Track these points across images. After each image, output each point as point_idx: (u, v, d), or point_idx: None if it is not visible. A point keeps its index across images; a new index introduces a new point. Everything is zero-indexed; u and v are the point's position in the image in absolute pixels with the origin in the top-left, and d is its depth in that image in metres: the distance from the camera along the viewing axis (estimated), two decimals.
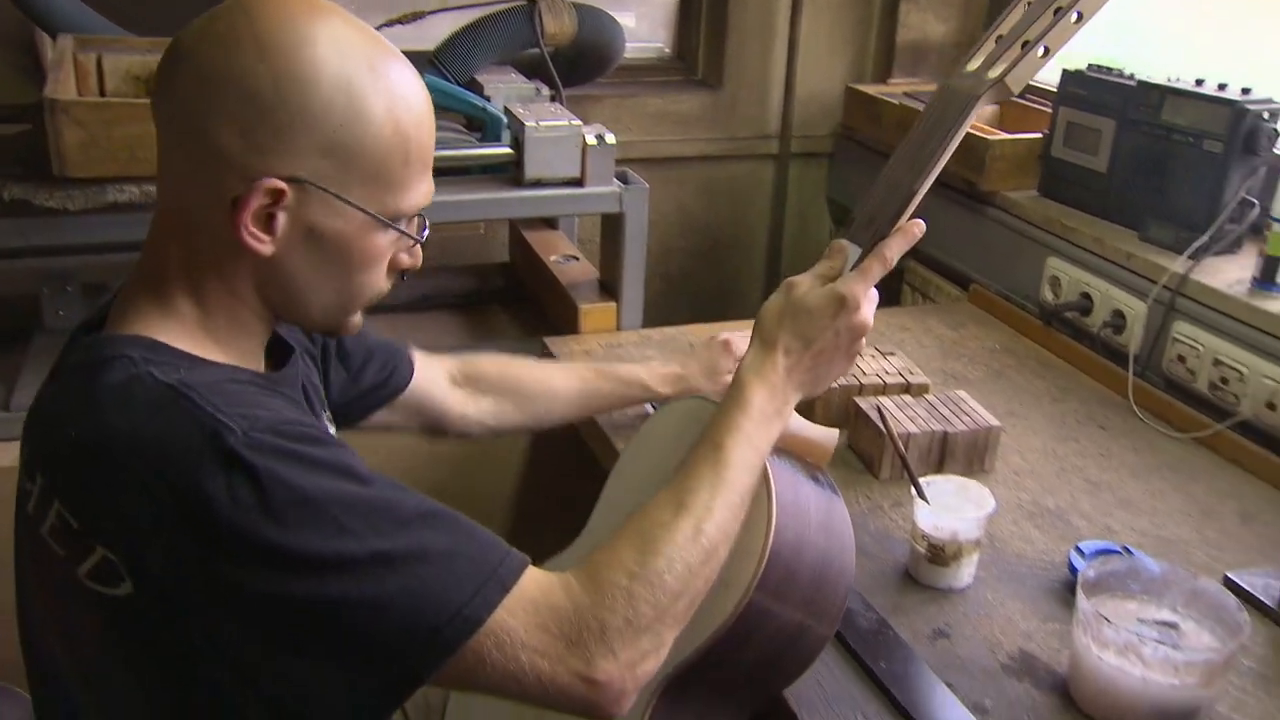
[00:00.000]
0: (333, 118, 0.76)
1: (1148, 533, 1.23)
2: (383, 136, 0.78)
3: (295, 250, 0.79)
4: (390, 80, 0.78)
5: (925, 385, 1.44)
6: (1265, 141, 1.49)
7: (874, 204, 0.94)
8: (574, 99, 1.98)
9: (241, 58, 0.74)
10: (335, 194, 0.77)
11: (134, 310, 0.79)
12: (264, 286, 0.81)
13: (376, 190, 0.79)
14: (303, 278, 0.81)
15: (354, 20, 0.79)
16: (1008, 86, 0.91)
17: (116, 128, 1.32)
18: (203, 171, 0.76)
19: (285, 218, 0.77)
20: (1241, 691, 0.99)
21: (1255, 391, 1.38)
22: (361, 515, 0.71)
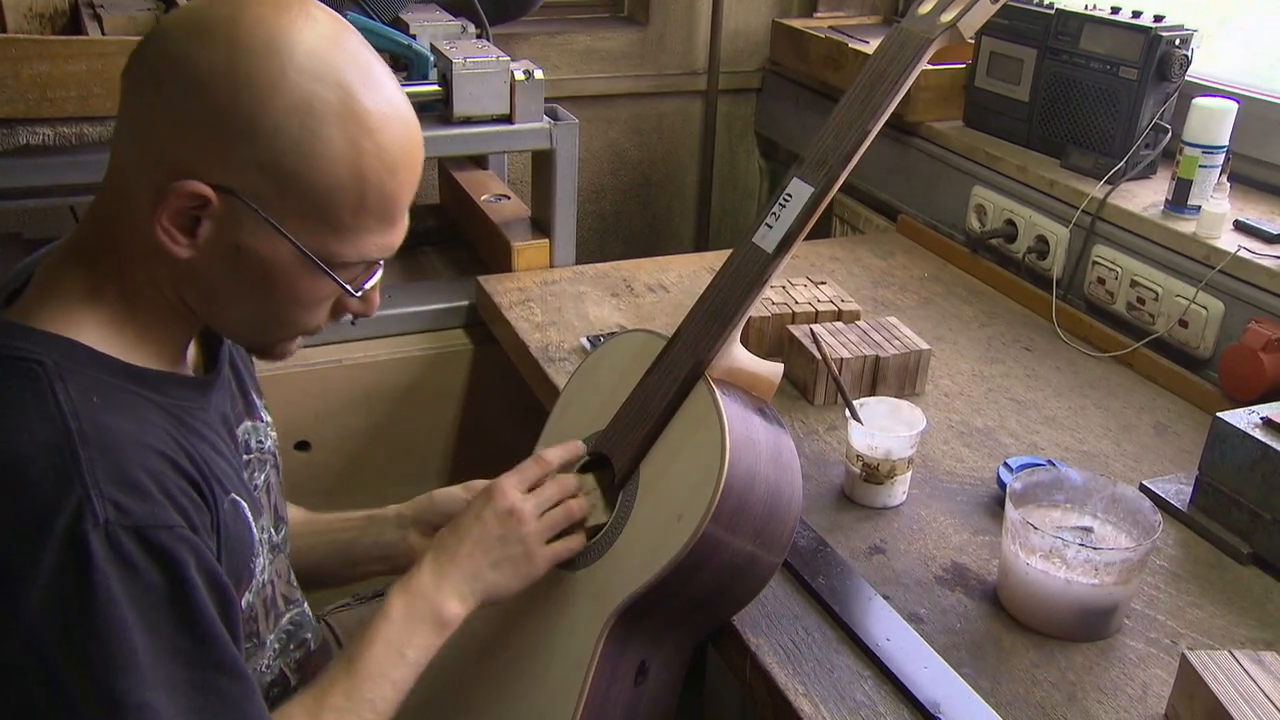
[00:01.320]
0: (282, 138, 0.69)
1: (1071, 447, 1.28)
2: (334, 173, 0.71)
3: (216, 261, 0.74)
4: (364, 116, 0.71)
5: (856, 312, 1.47)
6: (1177, 68, 1.53)
7: (826, 144, 0.95)
8: (500, 37, 1.96)
9: (208, 48, 0.69)
10: (266, 217, 0.71)
11: (61, 286, 0.75)
12: (181, 287, 0.76)
13: (317, 228, 0.73)
14: (221, 290, 0.76)
15: (350, 42, 0.73)
16: (959, 31, 0.93)
17: (24, 66, 1.27)
18: (140, 156, 0.72)
19: (211, 226, 0.72)
20: (1155, 589, 1.05)
21: (1169, 310, 1.44)
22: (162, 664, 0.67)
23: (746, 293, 0.95)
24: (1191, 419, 1.35)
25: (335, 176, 0.71)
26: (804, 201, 0.94)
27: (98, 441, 0.68)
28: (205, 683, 0.70)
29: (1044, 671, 0.94)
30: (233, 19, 0.70)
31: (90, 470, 0.66)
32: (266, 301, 0.76)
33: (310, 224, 0.73)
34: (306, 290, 0.76)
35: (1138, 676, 0.94)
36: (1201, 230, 1.42)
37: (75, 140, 1.35)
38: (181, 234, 0.72)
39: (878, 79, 0.94)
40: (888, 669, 0.93)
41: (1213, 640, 0.98)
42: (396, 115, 0.74)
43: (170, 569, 0.68)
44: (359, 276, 0.78)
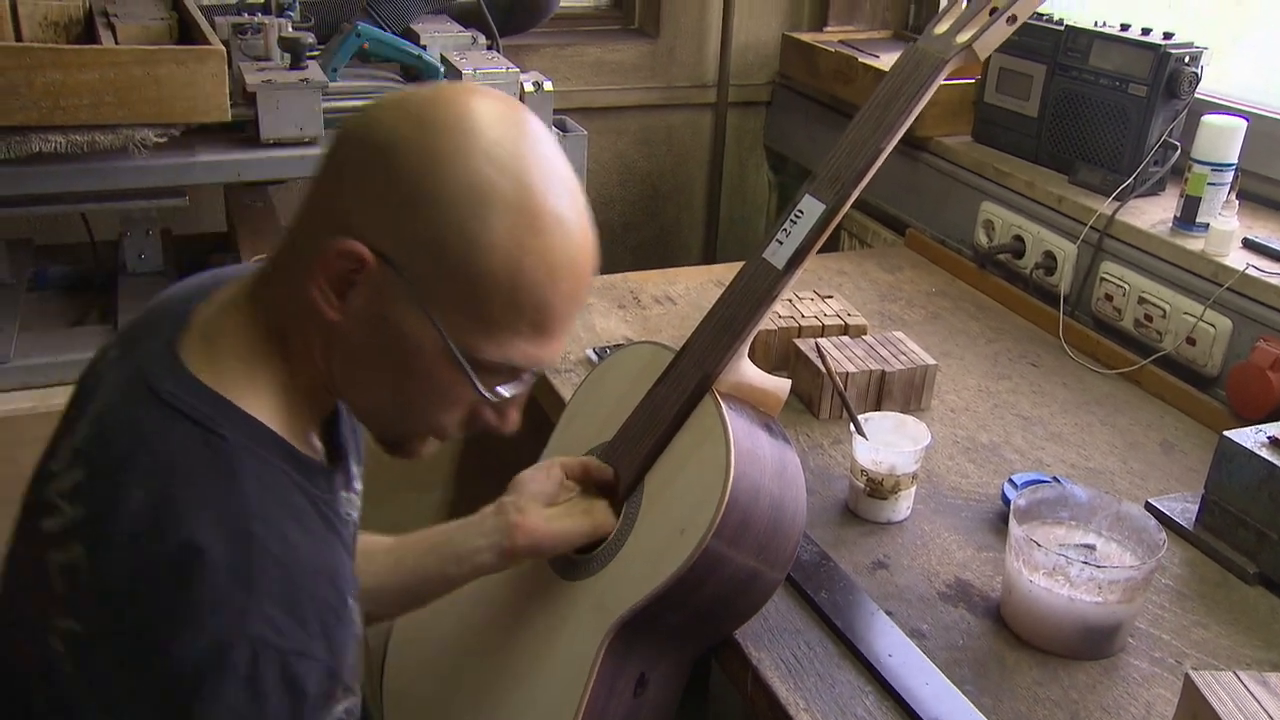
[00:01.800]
0: (450, 217, 0.68)
1: (1077, 464, 1.28)
2: (493, 265, 0.69)
3: (361, 330, 0.72)
4: (536, 217, 0.70)
5: (863, 326, 1.46)
6: (1186, 85, 1.53)
7: (839, 161, 0.95)
8: (511, 48, 1.97)
9: (403, 120, 0.70)
10: (417, 294, 0.70)
11: (230, 341, 0.74)
12: (326, 352, 0.74)
13: (465, 319, 0.71)
14: (360, 362, 0.74)
15: (542, 145, 0.72)
16: (974, 52, 0.93)
17: (37, 74, 1.28)
18: (315, 213, 0.73)
19: (362, 292, 0.70)
20: (1160, 608, 1.04)
21: (1176, 327, 1.44)
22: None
23: (755, 308, 0.95)
24: (1199, 437, 1.34)
25: (493, 268, 0.69)
26: (815, 218, 0.94)
27: (274, 553, 0.67)
28: None
29: (1047, 690, 0.94)
30: (431, 98, 0.71)
31: (261, 580, 0.66)
32: (402, 386, 0.74)
33: (460, 313, 0.70)
34: (443, 383, 0.73)
35: (1141, 696, 0.94)
36: (1210, 248, 1.41)
37: (87, 148, 1.36)
38: (335, 295, 0.70)
39: (892, 98, 0.94)
40: (889, 685, 0.92)
41: (1218, 660, 0.98)
42: (571, 224, 0.72)
43: (297, 702, 0.67)
44: (498, 381, 0.75)
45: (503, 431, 0.79)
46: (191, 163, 1.46)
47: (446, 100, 0.71)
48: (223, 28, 1.60)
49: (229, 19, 1.63)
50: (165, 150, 1.43)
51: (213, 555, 0.65)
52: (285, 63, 1.57)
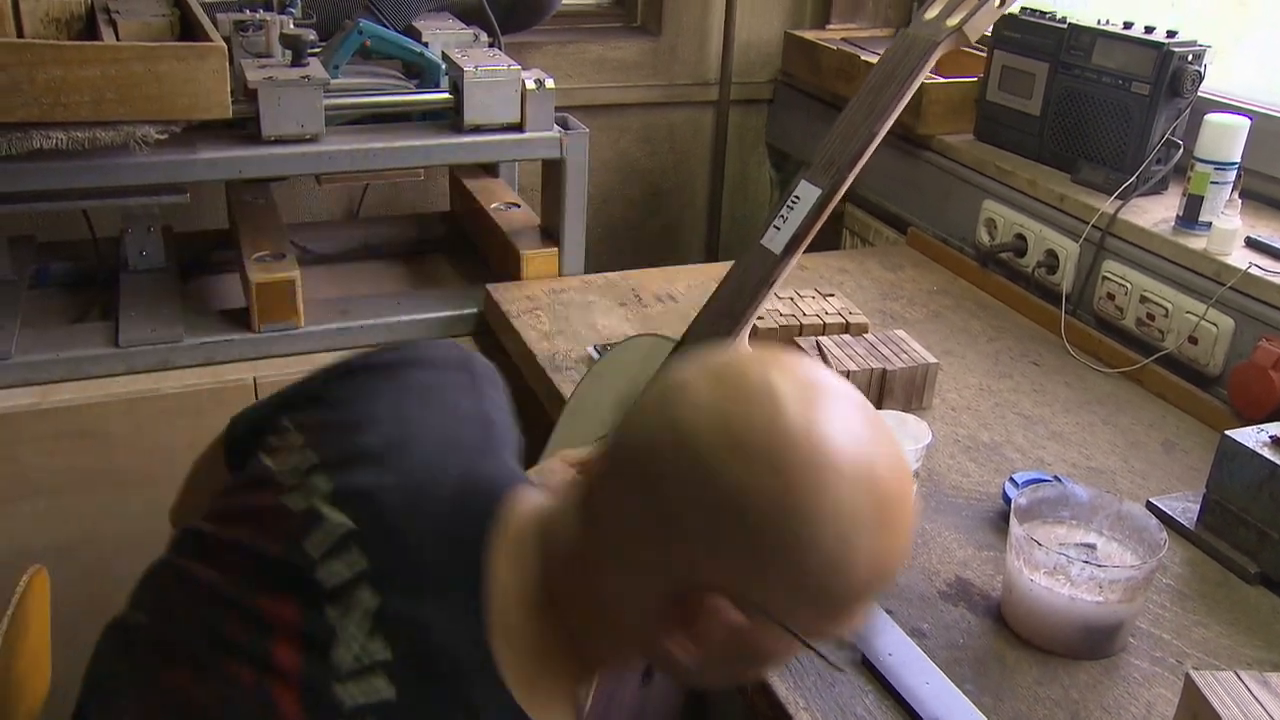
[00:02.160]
0: (816, 554, 0.63)
1: (1078, 463, 1.27)
2: (857, 577, 0.65)
3: (713, 658, 0.67)
4: (893, 523, 0.65)
5: (864, 325, 1.46)
6: (1189, 83, 1.53)
7: (833, 147, 0.95)
8: (513, 46, 1.96)
9: (747, 466, 0.62)
10: (783, 623, 0.65)
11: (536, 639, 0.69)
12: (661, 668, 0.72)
13: (818, 619, 0.67)
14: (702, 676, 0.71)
15: (878, 424, 0.67)
16: (965, 35, 0.93)
17: (39, 70, 1.28)
18: (649, 559, 0.65)
19: (719, 631, 0.65)
20: (1160, 608, 1.04)
21: (1179, 327, 1.43)
22: None
23: (754, 295, 0.95)
24: (1200, 436, 1.34)
25: (857, 580, 0.65)
26: (811, 203, 0.94)
27: None
28: None
29: (1047, 689, 0.94)
30: (770, 427, 0.63)
31: None
32: (734, 671, 0.74)
33: (817, 618, 0.67)
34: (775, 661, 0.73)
35: (1142, 696, 0.93)
36: (1212, 247, 1.41)
37: (88, 145, 1.36)
38: (692, 642, 0.66)
39: (884, 82, 0.94)
40: (889, 684, 0.92)
41: (1218, 660, 0.97)
42: (911, 510, 0.69)
43: None
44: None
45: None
46: (193, 160, 1.46)
47: (789, 428, 0.63)
48: (224, 24, 1.60)
49: (230, 16, 1.63)
50: (166, 147, 1.43)
51: None
52: (287, 60, 1.57)
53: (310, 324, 1.59)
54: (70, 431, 1.44)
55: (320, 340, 1.60)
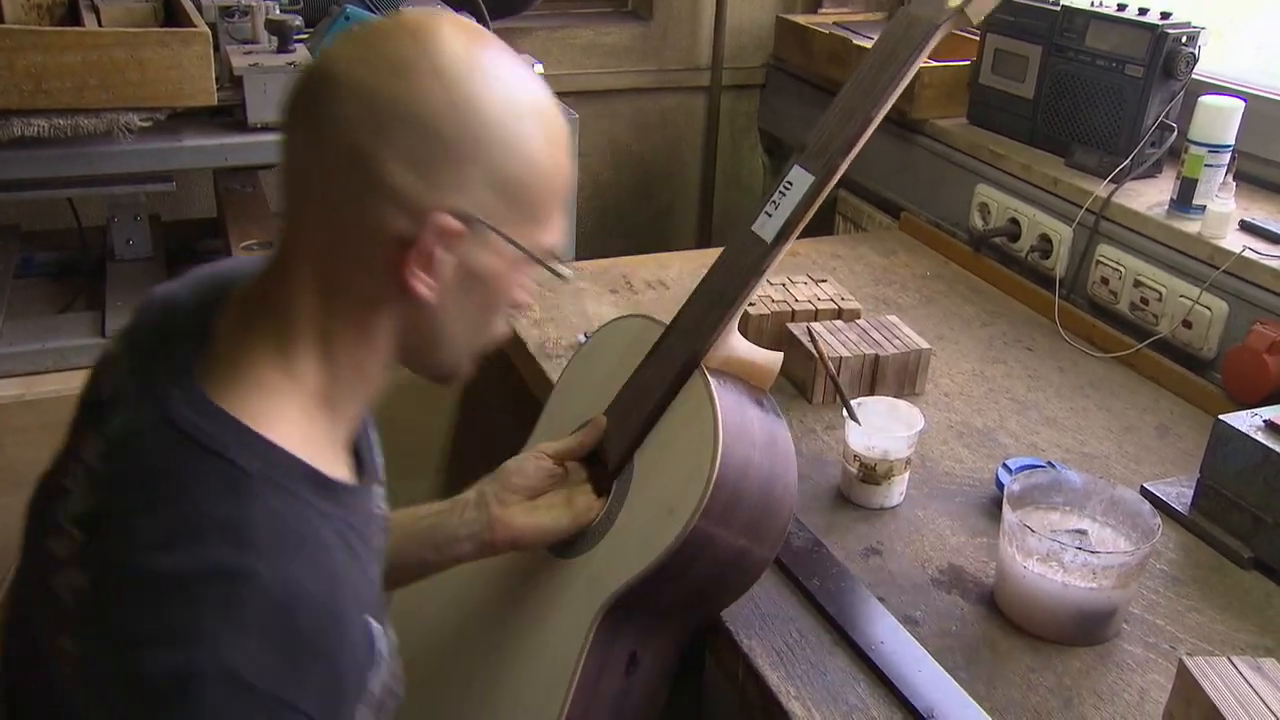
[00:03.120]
0: (503, 148, 0.70)
1: (1072, 449, 1.27)
2: (543, 169, 0.73)
3: (450, 292, 0.73)
4: (543, 108, 0.73)
5: (857, 310, 1.45)
6: (1183, 65, 1.52)
7: (828, 131, 0.93)
8: (502, 31, 1.93)
9: (419, 85, 0.68)
10: (497, 229, 0.72)
11: (254, 364, 0.71)
12: (406, 333, 0.74)
13: (529, 226, 0.74)
14: (447, 320, 0.75)
15: (506, 47, 0.75)
16: (967, 16, 0.91)
17: (19, 56, 1.26)
18: (363, 209, 0.69)
19: (449, 258, 0.71)
20: (1154, 593, 1.03)
21: (1172, 311, 1.43)
22: None
23: (744, 282, 0.94)
24: (1194, 421, 1.33)
25: (543, 171, 0.73)
26: (804, 190, 0.92)
27: (276, 595, 0.64)
28: None
29: (1040, 676, 0.93)
30: (423, 51, 0.69)
31: (252, 617, 0.63)
32: (485, 315, 0.77)
33: (525, 223, 0.74)
34: (518, 289, 0.77)
35: (1135, 682, 0.93)
36: (1206, 230, 1.40)
37: (70, 132, 1.34)
38: (429, 275, 0.71)
39: (883, 64, 0.91)
40: (882, 672, 0.92)
41: (1212, 645, 0.97)
42: (553, 98, 0.76)
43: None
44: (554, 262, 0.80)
45: (529, 306, 0.84)
46: (178, 147, 1.45)
47: (439, 47, 0.70)
48: (209, 10, 1.58)
49: (215, 1, 1.61)
50: (151, 135, 1.41)
51: (206, 586, 0.63)
52: (272, 46, 1.55)
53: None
54: (56, 423, 1.40)
55: None
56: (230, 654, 0.62)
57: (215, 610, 0.62)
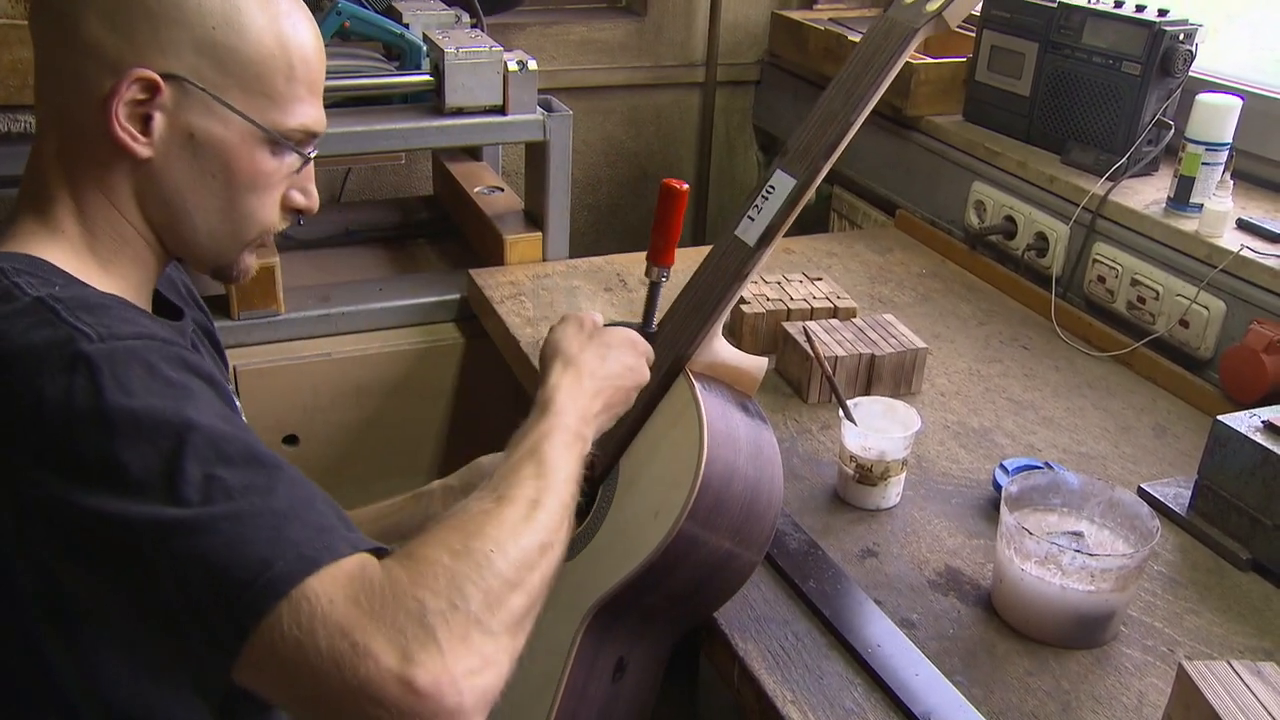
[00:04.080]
0: (209, 14, 0.74)
1: (1069, 449, 1.26)
2: (263, 44, 0.76)
3: (175, 157, 0.76)
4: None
5: (852, 309, 1.44)
6: (1181, 63, 1.51)
7: (809, 134, 0.93)
8: (495, 27, 1.93)
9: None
10: (214, 95, 0.75)
11: (17, 228, 0.76)
12: (145, 198, 0.77)
13: (259, 101, 0.77)
14: (185, 189, 0.77)
15: None
16: (945, 20, 0.91)
17: (4, 51, 1.25)
18: (73, 69, 0.74)
19: (163, 119, 0.74)
20: (1152, 595, 1.03)
21: (1169, 309, 1.42)
22: (207, 437, 0.64)
23: (728, 287, 0.94)
24: (1191, 420, 1.33)
25: (264, 45, 0.76)
26: (786, 193, 0.92)
27: (72, 299, 0.68)
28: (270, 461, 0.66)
29: (1038, 680, 0.92)
30: None
31: (70, 314, 0.67)
32: (226, 190, 0.78)
33: (251, 98, 0.76)
34: (261, 168, 0.79)
35: (1133, 686, 0.92)
36: (1204, 229, 1.39)
37: None
38: (139, 133, 0.74)
39: (862, 70, 0.92)
40: (878, 676, 0.91)
41: (1210, 648, 0.96)
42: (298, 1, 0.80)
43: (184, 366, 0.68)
44: (304, 149, 0.82)
45: (312, 209, 0.85)
46: None
47: None
48: None
49: None
50: None
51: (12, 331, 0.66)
52: None
53: (291, 311, 1.57)
54: None
55: (301, 327, 1.57)
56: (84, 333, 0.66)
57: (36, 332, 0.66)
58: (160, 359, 0.67)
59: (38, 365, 0.64)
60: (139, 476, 0.62)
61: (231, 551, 0.61)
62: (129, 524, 0.62)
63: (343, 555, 0.63)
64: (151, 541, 0.62)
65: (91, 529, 0.63)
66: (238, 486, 0.63)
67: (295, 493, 0.65)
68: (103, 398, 0.63)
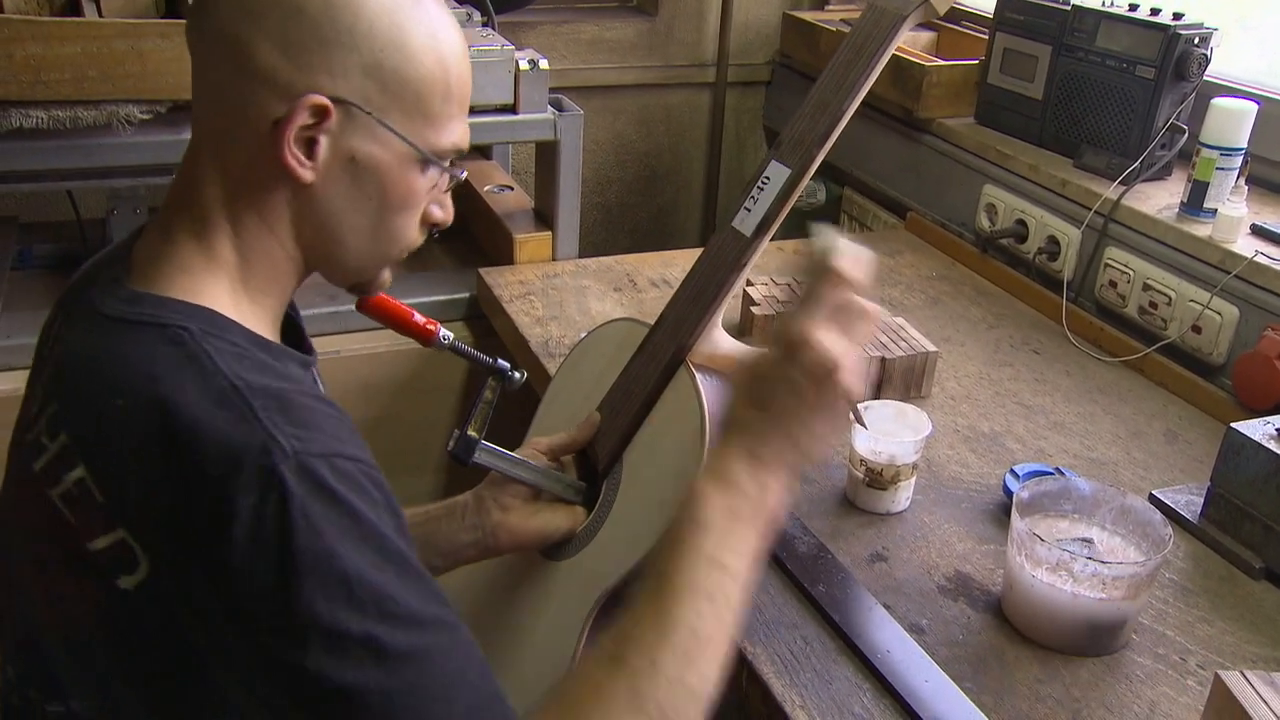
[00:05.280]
0: (376, 38, 0.73)
1: (1080, 454, 1.25)
2: (424, 65, 0.75)
3: (335, 180, 0.76)
4: (431, 14, 0.77)
5: None
6: (1195, 67, 1.50)
7: (803, 125, 0.93)
8: (506, 26, 1.93)
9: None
10: (378, 118, 0.74)
11: (175, 256, 0.75)
12: (301, 222, 0.77)
13: (416, 122, 0.77)
14: (340, 212, 0.77)
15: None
16: (934, 6, 0.91)
17: (17, 47, 1.25)
18: (243, 94, 0.73)
19: (327, 142, 0.74)
20: (1164, 603, 1.02)
21: (1182, 315, 1.41)
22: (373, 593, 0.64)
23: (726, 277, 0.94)
24: (1203, 427, 1.32)
25: (426, 66, 0.75)
26: (781, 183, 0.92)
27: (263, 391, 0.68)
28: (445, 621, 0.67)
29: (1048, 687, 0.92)
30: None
31: (266, 413, 0.66)
32: (380, 211, 0.78)
33: (410, 119, 0.76)
34: (413, 187, 0.79)
35: (1145, 694, 0.92)
36: (1217, 234, 1.39)
37: (69, 124, 1.33)
38: (305, 157, 0.74)
39: (853, 59, 0.92)
40: (887, 682, 0.90)
41: (1223, 658, 0.96)
42: (449, 12, 0.79)
43: (366, 491, 0.67)
44: (455, 168, 0.82)
45: (448, 223, 0.85)
46: (179, 140, 1.43)
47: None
48: None
49: None
50: (152, 127, 1.39)
51: (210, 420, 0.65)
52: None
53: (300, 308, 1.56)
54: None
55: (309, 325, 1.52)
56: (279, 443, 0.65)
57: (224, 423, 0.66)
58: (349, 488, 0.66)
59: (235, 468, 0.64)
60: (299, 622, 0.63)
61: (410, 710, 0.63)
62: (277, 663, 0.63)
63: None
64: (295, 690, 0.63)
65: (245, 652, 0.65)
66: (396, 654, 0.64)
67: (451, 665, 0.66)
68: (290, 532, 0.63)
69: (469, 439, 0.92)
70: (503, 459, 0.94)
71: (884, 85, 1.82)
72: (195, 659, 0.68)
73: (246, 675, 0.66)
